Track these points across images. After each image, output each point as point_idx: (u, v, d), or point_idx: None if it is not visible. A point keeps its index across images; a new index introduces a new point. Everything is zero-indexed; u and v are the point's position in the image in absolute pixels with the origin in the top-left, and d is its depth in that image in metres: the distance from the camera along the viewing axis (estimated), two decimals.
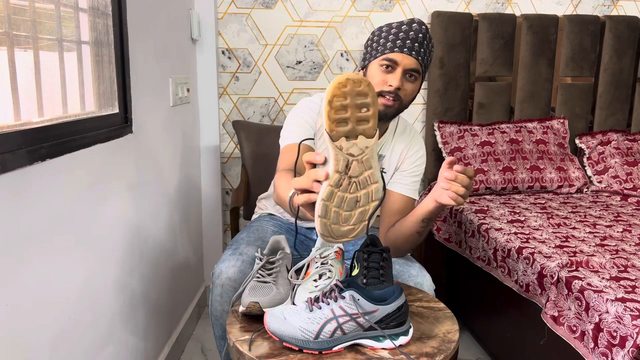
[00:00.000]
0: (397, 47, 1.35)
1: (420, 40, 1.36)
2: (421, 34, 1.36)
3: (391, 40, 1.37)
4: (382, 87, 1.37)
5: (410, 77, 1.38)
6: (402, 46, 1.35)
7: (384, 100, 1.37)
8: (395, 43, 1.36)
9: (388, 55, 1.36)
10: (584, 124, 2.68)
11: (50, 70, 1.16)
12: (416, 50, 1.36)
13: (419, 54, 1.36)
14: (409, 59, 1.35)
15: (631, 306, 1.27)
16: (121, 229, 1.47)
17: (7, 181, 0.93)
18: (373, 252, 1.26)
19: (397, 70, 1.36)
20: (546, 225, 1.93)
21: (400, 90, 1.37)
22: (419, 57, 1.36)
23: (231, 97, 2.58)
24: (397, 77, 1.36)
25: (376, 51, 1.39)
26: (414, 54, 1.35)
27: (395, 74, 1.36)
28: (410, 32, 1.36)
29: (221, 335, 1.41)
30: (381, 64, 1.37)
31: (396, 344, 1.06)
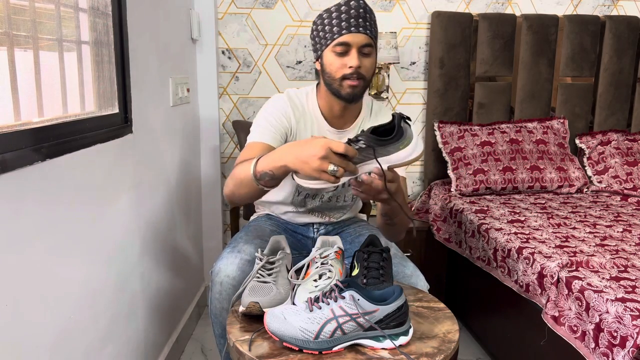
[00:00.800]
0: (344, 29, 1.37)
1: (363, 14, 1.38)
2: (362, 9, 1.38)
3: (336, 25, 1.38)
4: (343, 70, 1.39)
5: (365, 53, 1.40)
6: (349, 26, 1.37)
7: (349, 82, 1.39)
8: (341, 25, 1.37)
9: (338, 39, 1.38)
10: (584, 124, 2.68)
11: (50, 70, 1.16)
12: (363, 26, 1.37)
13: (366, 28, 1.38)
14: (359, 36, 1.37)
15: (631, 306, 1.27)
16: (121, 229, 1.47)
17: (7, 181, 0.93)
18: (373, 252, 1.26)
19: (352, 51, 1.38)
20: (546, 225, 1.93)
21: (360, 68, 1.39)
22: (367, 31, 1.38)
23: (231, 97, 2.58)
24: (354, 57, 1.38)
25: (325, 39, 1.41)
26: (362, 30, 1.37)
27: (351, 55, 1.38)
28: (352, 11, 1.37)
29: (220, 334, 1.41)
30: (334, 50, 1.39)
31: (396, 344, 1.06)
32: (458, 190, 2.36)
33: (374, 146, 1.14)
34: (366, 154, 1.15)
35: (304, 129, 1.51)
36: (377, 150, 1.14)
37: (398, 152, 1.16)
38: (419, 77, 2.65)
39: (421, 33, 2.61)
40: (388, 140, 1.15)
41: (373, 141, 1.14)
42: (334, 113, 1.51)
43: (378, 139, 1.14)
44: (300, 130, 1.51)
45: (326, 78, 1.44)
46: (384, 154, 1.15)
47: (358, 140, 1.14)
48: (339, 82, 1.40)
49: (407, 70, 2.63)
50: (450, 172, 2.41)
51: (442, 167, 2.55)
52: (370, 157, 1.15)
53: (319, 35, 1.43)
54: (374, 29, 1.42)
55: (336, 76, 1.40)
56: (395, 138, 1.15)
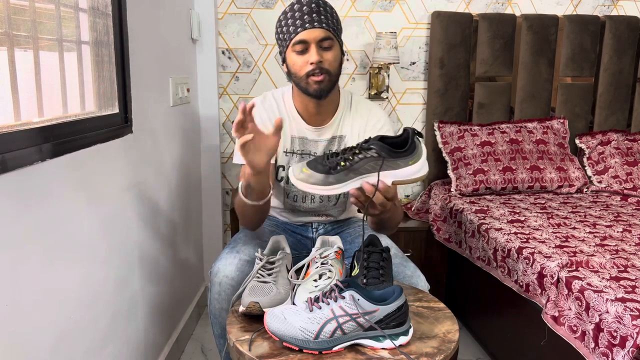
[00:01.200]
0: (300, 27, 1.37)
1: (316, 9, 1.38)
2: (314, 4, 1.38)
3: (292, 24, 1.39)
4: (306, 68, 1.39)
5: (326, 47, 1.39)
6: (304, 23, 1.37)
7: (314, 78, 1.39)
8: (297, 24, 1.38)
9: (295, 38, 1.38)
10: (584, 124, 2.68)
11: (50, 70, 1.16)
12: (317, 20, 1.37)
13: (322, 22, 1.37)
14: (315, 31, 1.37)
15: (631, 306, 1.27)
16: (121, 228, 1.47)
17: (7, 181, 0.93)
18: (373, 252, 1.26)
19: (311, 48, 1.38)
20: (546, 225, 1.93)
21: (322, 62, 1.38)
22: (323, 24, 1.37)
23: (231, 97, 2.58)
24: (313, 53, 1.37)
25: (284, 40, 1.42)
26: (317, 25, 1.37)
27: (310, 51, 1.38)
28: (304, 7, 1.38)
29: (220, 334, 1.41)
30: (294, 50, 1.40)
31: (396, 344, 1.06)
32: (458, 190, 2.36)
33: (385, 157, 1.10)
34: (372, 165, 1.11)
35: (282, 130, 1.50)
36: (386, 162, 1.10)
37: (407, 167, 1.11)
38: (419, 77, 2.65)
39: (421, 33, 2.61)
40: (400, 153, 1.11)
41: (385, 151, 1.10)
42: (309, 111, 1.50)
43: (391, 150, 1.11)
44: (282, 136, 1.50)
45: (293, 78, 1.44)
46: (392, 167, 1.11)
47: (370, 148, 1.11)
48: (305, 80, 1.40)
49: (407, 70, 2.63)
50: (450, 172, 2.41)
51: (442, 167, 2.55)
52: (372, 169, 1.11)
53: (280, 37, 1.44)
54: (332, 21, 1.40)
55: (300, 74, 1.40)
56: (407, 152, 1.11)
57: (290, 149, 1.53)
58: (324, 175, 1.12)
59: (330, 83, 1.42)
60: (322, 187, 1.13)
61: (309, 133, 1.52)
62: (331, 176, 1.12)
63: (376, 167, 1.10)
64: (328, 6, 1.42)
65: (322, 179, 1.12)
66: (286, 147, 1.52)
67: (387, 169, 1.10)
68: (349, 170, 1.12)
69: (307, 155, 1.53)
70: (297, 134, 1.53)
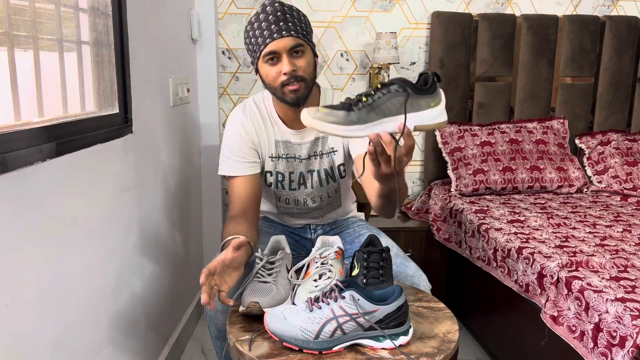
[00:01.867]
0: (267, 38, 1.33)
1: (282, 17, 1.33)
2: (279, 12, 1.34)
3: (259, 35, 1.35)
4: (280, 78, 1.35)
5: (297, 54, 1.35)
6: (271, 34, 1.33)
7: (289, 87, 1.36)
8: (264, 34, 1.34)
9: (265, 50, 1.34)
10: (584, 124, 2.68)
11: (50, 71, 1.16)
12: (285, 29, 1.33)
13: (289, 29, 1.33)
14: (283, 41, 1.33)
15: (631, 306, 1.27)
16: (121, 229, 1.47)
17: (7, 181, 0.93)
18: (373, 252, 1.26)
19: (282, 57, 1.34)
20: (546, 225, 1.93)
21: (296, 70, 1.35)
22: (291, 32, 1.33)
23: (231, 97, 2.58)
24: (285, 63, 1.34)
25: (254, 52, 1.38)
26: (285, 33, 1.33)
27: (282, 61, 1.34)
28: (270, 17, 1.33)
29: (217, 336, 1.41)
30: (265, 61, 1.36)
31: (396, 344, 1.06)
32: (458, 190, 2.36)
33: (409, 92, 1.00)
34: (392, 105, 1.00)
35: (265, 136, 1.50)
36: (409, 99, 1.00)
37: (429, 109, 1.01)
38: None
39: (421, 33, 2.61)
40: (422, 90, 1.01)
41: (409, 86, 1.00)
42: (289, 116, 1.48)
43: (414, 86, 1.01)
44: (262, 139, 1.50)
45: (268, 88, 1.41)
46: (414, 108, 1.01)
47: (392, 83, 1.02)
48: (280, 90, 1.37)
49: (407, 71, 2.63)
50: (450, 172, 2.41)
51: (442, 167, 2.55)
52: (398, 110, 1.00)
53: (249, 49, 1.41)
54: (300, 26, 1.36)
55: (275, 85, 1.37)
56: (430, 91, 1.02)
57: (275, 154, 1.51)
58: (344, 112, 1.00)
59: (307, 89, 1.39)
60: (343, 127, 1.00)
61: (291, 137, 1.50)
62: (352, 113, 1.00)
63: (399, 107, 1.00)
64: (294, 10, 1.38)
65: (342, 117, 1.00)
66: (271, 152, 1.51)
67: (409, 110, 1.00)
68: (372, 107, 1.01)
69: (293, 158, 1.52)
70: (280, 137, 1.51)
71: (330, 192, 1.58)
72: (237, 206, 1.46)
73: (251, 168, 1.49)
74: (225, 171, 1.51)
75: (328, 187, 1.57)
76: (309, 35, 1.40)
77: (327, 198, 1.59)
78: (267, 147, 1.51)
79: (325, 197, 1.58)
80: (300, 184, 1.54)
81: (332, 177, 1.55)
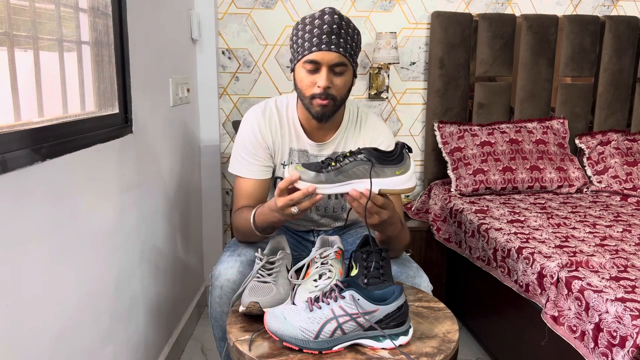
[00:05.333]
0: (314, 46, 1.30)
1: (336, 31, 1.30)
2: (335, 25, 1.30)
3: (308, 40, 1.31)
4: (312, 89, 1.33)
5: (337, 72, 1.33)
6: (320, 43, 1.29)
7: (319, 101, 1.33)
8: (312, 42, 1.30)
9: (308, 56, 1.31)
10: (584, 124, 2.68)
11: (50, 70, 1.16)
12: (335, 44, 1.29)
13: (339, 45, 1.30)
14: (329, 55, 1.30)
15: (631, 306, 1.27)
16: (121, 229, 1.47)
17: (7, 181, 0.93)
18: (372, 251, 1.26)
19: (322, 70, 1.31)
20: (546, 225, 1.93)
21: (330, 88, 1.32)
22: (340, 49, 1.30)
23: (231, 97, 2.58)
24: (323, 77, 1.31)
25: (297, 53, 1.35)
26: (333, 48, 1.29)
27: (320, 73, 1.31)
28: (324, 26, 1.29)
29: (221, 337, 1.41)
30: (305, 67, 1.33)
31: (396, 343, 1.06)
32: (458, 190, 2.36)
33: (373, 162, 1.15)
34: (361, 170, 1.16)
35: (281, 142, 1.47)
36: (374, 168, 1.16)
37: (393, 177, 1.17)
38: (419, 77, 2.65)
39: (421, 33, 2.61)
40: (387, 161, 1.16)
41: (374, 156, 1.16)
42: (312, 125, 1.45)
43: (379, 155, 1.16)
44: (277, 145, 1.48)
45: (298, 92, 1.39)
46: (379, 175, 1.16)
47: (360, 152, 1.17)
48: (308, 100, 1.35)
49: (407, 71, 2.63)
50: (450, 172, 2.41)
51: (442, 167, 2.55)
52: (364, 175, 1.16)
53: (293, 47, 1.37)
54: (350, 45, 1.33)
55: (306, 94, 1.35)
56: (394, 161, 1.17)
57: (288, 162, 1.49)
58: (315, 173, 1.17)
59: (334, 108, 1.37)
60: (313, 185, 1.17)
61: (310, 147, 1.48)
62: (322, 175, 1.17)
63: (365, 173, 1.16)
64: (350, 27, 1.34)
65: (313, 177, 1.17)
66: (284, 160, 1.49)
67: (374, 177, 1.16)
68: (339, 171, 1.16)
69: None
70: (297, 146, 1.48)
71: (336, 207, 1.57)
72: (243, 202, 1.46)
73: (264, 172, 1.47)
74: (237, 171, 1.48)
75: (335, 202, 1.56)
76: (355, 55, 1.37)
77: (332, 212, 1.58)
78: (280, 154, 1.48)
79: (330, 210, 1.57)
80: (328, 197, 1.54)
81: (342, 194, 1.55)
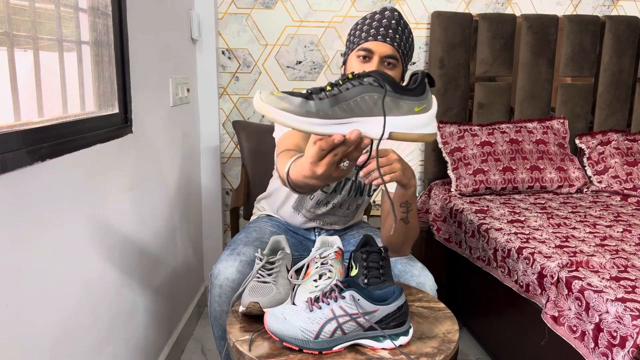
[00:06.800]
0: (370, 36, 1.37)
1: (394, 26, 1.37)
2: (394, 21, 1.37)
3: (365, 31, 1.38)
4: None
5: (388, 65, 1.38)
6: (376, 34, 1.36)
7: None
8: (369, 32, 1.37)
9: (363, 45, 1.37)
10: (584, 124, 2.68)
11: (50, 70, 1.16)
12: (390, 37, 1.36)
13: (394, 40, 1.37)
14: (383, 46, 1.36)
15: (631, 306, 1.27)
16: (121, 229, 1.47)
17: (7, 181, 0.93)
18: (372, 251, 1.26)
19: (373, 59, 1.37)
20: (546, 225, 1.93)
21: None
22: (394, 43, 1.37)
23: (231, 97, 2.58)
24: (373, 65, 1.36)
25: (352, 43, 1.41)
26: (389, 41, 1.36)
27: (372, 62, 1.37)
28: (383, 20, 1.37)
29: (221, 336, 1.41)
30: (358, 55, 1.39)
31: (396, 344, 1.06)
32: (458, 190, 2.36)
33: (387, 89, 0.82)
34: (363, 101, 0.82)
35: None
36: (386, 101, 0.82)
37: (412, 114, 0.82)
38: None
39: (421, 33, 2.61)
40: (405, 90, 0.83)
41: (387, 81, 0.82)
42: None
43: (393, 82, 0.83)
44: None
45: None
46: (391, 110, 0.82)
47: (368, 75, 0.84)
48: None
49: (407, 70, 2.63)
50: (450, 172, 2.41)
51: (442, 167, 2.55)
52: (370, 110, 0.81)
53: (349, 39, 1.44)
54: (405, 44, 1.39)
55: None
56: (415, 92, 0.84)
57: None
58: (302, 100, 0.81)
59: None
60: (297, 118, 0.80)
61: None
62: (311, 102, 0.80)
63: (373, 107, 0.80)
64: (407, 29, 1.40)
65: (298, 105, 0.80)
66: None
67: (387, 113, 0.82)
68: (337, 99, 0.81)
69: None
70: None
71: (351, 205, 1.57)
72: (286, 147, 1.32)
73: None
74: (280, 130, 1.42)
75: (350, 200, 1.55)
76: (407, 56, 1.42)
77: (346, 210, 1.58)
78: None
79: (345, 207, 1.57)
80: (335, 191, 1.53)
81: (360, 192, 1.55)
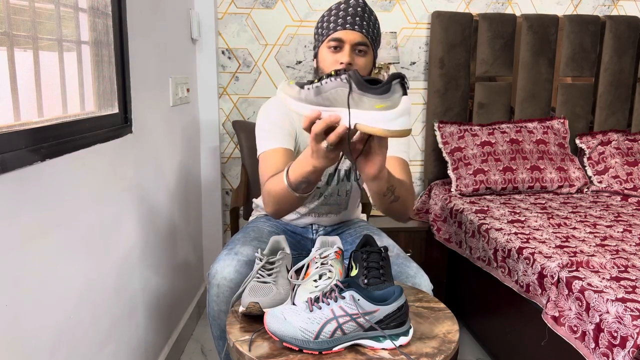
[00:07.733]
0: (339, 26, 1.37)
1: (361, 14, 1.38)
2: (359, 8, 1.38)
3: (333, 21, 1.39)
4: (335, 67, 1.38)
5: (359, 52, 1.39)
6: (344, 23, 1.37)
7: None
8: (337, 22, 1.38)
9: (333, 35, 1.38)
10: (584, 124, 2.68)
11: (50, 70, 1.16)
12: (358, 24, 1.37)
13: (362, 27, 1.38)
14: (353, 34, 1.37)
15: (631, 306, 1.27)
16: (121, 229, 1.47)
17: (7, 181, 0.93)
18: (372, 252, 1.26)
19: (345, 48, 1.38)
20: (546, 225, 1.93)
21: (352, 65, 1.37)
22: (363, 30, 1.38)
23: (231, 97, 2.58)
24: (346, 53, 1.37)
25: (321, 35, 1.41)
26: (357, 28, 1.37)
27: (343, 51, 1.38)
28: (349, 9, 1.38)
29: (219, 335, 1.41)
30: (328, 46, 1.39)
31: (396, 344, 1.06)
32: (458, 190, 2.36)
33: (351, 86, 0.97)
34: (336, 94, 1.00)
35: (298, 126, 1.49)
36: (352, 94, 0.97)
37: (371, 110, 0.96)
38: (419, 77, 2.65)
39: (421, 33, 2.61)
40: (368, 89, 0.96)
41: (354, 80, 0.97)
42: None
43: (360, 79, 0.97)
44: (297, 126, 1.49)
45: (320, 75, 1.42)
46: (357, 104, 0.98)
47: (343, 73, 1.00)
48: None
49: (407, 70, 2.63)
50: (451, 172, 2.41)
51: (442, 167, 2.55)
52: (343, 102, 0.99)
53: (318, 32, 1.44)
54: (372, 29, 1.41)
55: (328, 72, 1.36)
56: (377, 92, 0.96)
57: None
58: (298, 89, 1.07)
59: None
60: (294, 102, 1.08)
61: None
62: (302, 91, 1.06)
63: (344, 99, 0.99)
64: (373, 16, 1.42)
65: (296, 92, 1.07)
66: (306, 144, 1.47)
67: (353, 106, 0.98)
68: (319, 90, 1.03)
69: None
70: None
71: (340, 191, 1.58)
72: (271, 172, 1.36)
73: (288, 141, 1.44)
74: (263, 146, 1.44)
75: (339, 186, 1.57)
76: (376, 43, 1.43)
77: (337, 196, 1.59)
78: (303, 140, 1.49)
79: (335, 194, 1.58)
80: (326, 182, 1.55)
81: (348, 177, 1.56)
